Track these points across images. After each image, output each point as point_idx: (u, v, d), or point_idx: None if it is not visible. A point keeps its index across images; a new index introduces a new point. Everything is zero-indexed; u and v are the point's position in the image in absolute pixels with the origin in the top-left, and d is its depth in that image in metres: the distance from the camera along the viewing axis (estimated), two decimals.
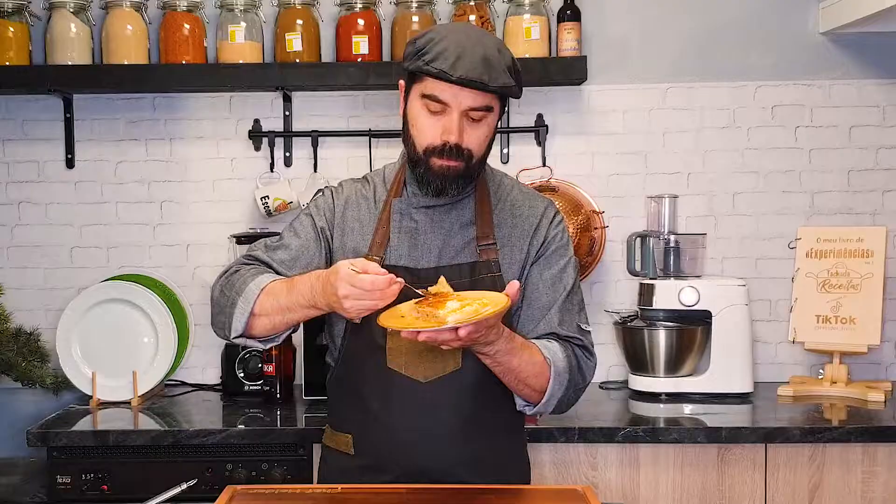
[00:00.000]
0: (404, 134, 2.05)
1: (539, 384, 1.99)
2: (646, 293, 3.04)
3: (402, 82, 2.06)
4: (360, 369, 2.08)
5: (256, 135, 3.23)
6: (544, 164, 3.20)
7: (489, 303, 1.81)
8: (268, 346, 2.13)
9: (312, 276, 1.96)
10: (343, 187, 2.19)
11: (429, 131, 1.99)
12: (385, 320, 1.84)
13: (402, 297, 1.86)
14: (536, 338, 2.05)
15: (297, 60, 3.07)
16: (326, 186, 2.21)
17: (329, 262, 2.10)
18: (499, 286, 2.00)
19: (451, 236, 2.08)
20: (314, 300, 1.94)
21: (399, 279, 1.85)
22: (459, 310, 1.78)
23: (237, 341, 2.07)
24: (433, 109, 1.98)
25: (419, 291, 1.86)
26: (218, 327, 2.09)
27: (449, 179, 2.00)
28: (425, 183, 2.03)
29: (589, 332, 2.12)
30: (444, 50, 1.94)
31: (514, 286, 1.85)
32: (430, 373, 2.02)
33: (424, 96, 1.98)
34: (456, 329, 1.78)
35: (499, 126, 3.13)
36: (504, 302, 1.82)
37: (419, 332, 1.79)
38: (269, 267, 2.10)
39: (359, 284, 1.83)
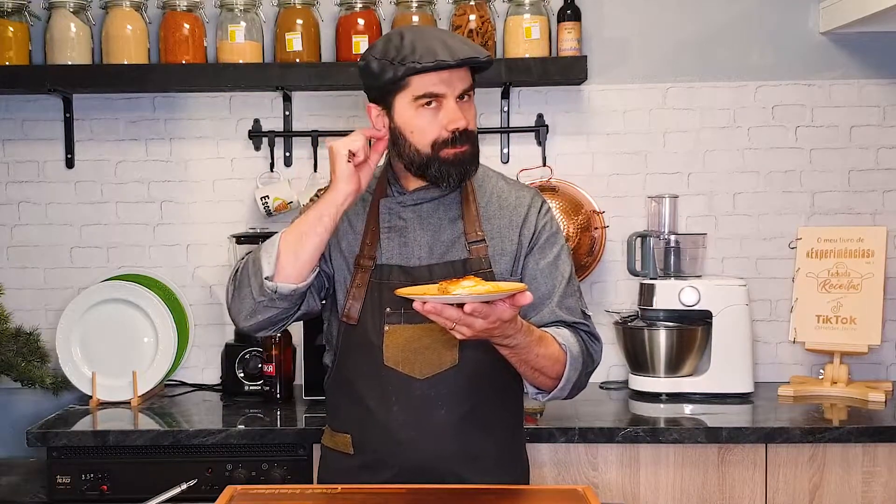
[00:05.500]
0: (398, 148, 2.03)
1: (555, 371, 1.99)
2: (646, 293, 3.04)
3: (371, 106, 2.05)
4: (357, 368, 2.08)
5: (256, 135, 3.23)
6: (544, 164, 3.20)
7: (506, 290, 1.78)
8: (278, 329, 2.06)
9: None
10: None
11: (430, 129, 1.99)
12: (401, 290, 1.83)
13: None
14: (541, 326, 2.04)
15: (297, 60, 3.07)
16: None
17: (330, 266, 2.10)
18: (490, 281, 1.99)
19: (439, 232, 2.08)
20: (319, 201, 1.99)
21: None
22: (471, 288, 1.76)
23: (262, 301, 1.97)
24: (428, 107, 1.99)
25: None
26: (242, 299, 2.00)
27: (465, 165, 2.02)
28: (443, 177, 2.02)
29: (590, 315, 2.14)
30: (418, 46, 1.95)
31: (526, 297, 1.80)
32: (426, 369, 2.02)
33: (417, 98, 1.98)
34: (462, 306, 1.74)
35: (499, 126, 3.21)
36: (518, 287, 1.79)
37: (426, 302, 1.74)
38: None
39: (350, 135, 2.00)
